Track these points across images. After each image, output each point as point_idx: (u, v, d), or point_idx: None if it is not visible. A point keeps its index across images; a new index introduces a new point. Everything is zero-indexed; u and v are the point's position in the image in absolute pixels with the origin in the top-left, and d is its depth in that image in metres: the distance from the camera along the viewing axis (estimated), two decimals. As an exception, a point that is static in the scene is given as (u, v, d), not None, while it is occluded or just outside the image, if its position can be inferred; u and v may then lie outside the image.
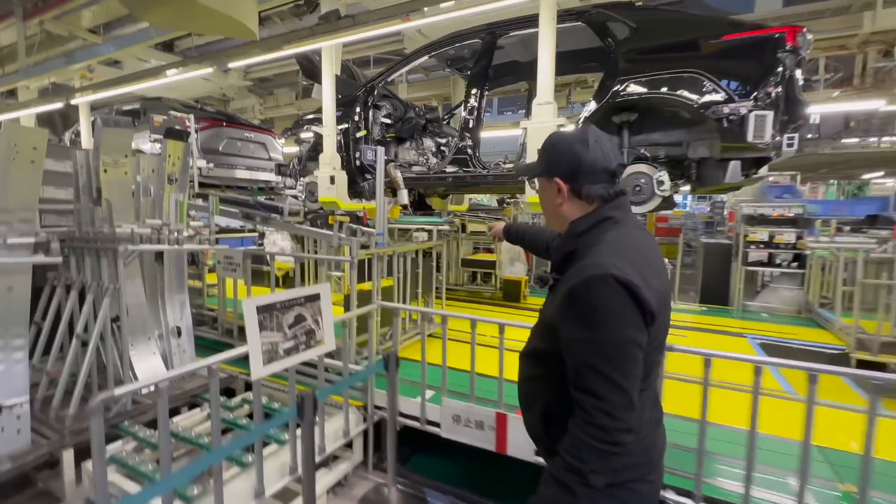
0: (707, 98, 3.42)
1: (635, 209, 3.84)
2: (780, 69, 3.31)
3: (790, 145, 3.42)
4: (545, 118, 3.43)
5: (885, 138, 10.72)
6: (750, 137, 3.30)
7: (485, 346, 2.75)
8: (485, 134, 4.76)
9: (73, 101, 7.01)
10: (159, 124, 5.40)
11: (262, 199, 8.58)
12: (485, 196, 11.23)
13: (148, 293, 3.22)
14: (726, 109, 3.37)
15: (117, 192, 2.91)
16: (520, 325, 2.36)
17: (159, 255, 3.30)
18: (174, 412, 2.90)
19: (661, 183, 3.65)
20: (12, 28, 7.09)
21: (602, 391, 0.92)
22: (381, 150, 3.63)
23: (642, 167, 3.81)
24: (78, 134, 7.90)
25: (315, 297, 2.02)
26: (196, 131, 6.65)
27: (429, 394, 2.81)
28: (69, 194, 3.14)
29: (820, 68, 7.80)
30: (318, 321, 2.04)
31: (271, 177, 7.43)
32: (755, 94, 3.32)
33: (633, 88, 3.70)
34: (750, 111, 3.33)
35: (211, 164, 5.90)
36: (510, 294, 6.34)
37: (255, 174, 7.38)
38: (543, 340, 1.14)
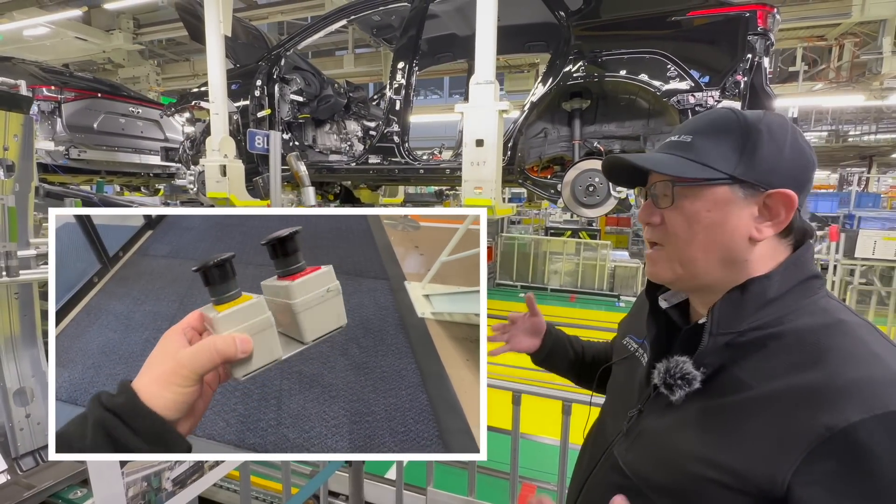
0: (672, 85, 2.93)
1: (588, 213, 3.33)
2: (749, 55, 2.88)
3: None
4: (484, 101, 2.78)
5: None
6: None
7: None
8: (433, 118, 4.02)
9: None
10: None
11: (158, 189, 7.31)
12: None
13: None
14: (692, 99, 2.91)
15: None
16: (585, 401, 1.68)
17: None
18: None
19: (618, 183, 3.15)
20: None
21: None
22: (275, 135, 2.78)
23: (597, 163, 3.30)
24: None
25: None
26: (60, 104, 5.33)
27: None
28: None
29: (797, 59, 7.48)
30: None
31: (169, 162, 6.27)
32: (724, 82, 2.88)
33: (588, 70, 3.14)
34: (717, 102, 2.88)
35: (62, 147, 4.62)
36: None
37: (145, 158, 6.22)
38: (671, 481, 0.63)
